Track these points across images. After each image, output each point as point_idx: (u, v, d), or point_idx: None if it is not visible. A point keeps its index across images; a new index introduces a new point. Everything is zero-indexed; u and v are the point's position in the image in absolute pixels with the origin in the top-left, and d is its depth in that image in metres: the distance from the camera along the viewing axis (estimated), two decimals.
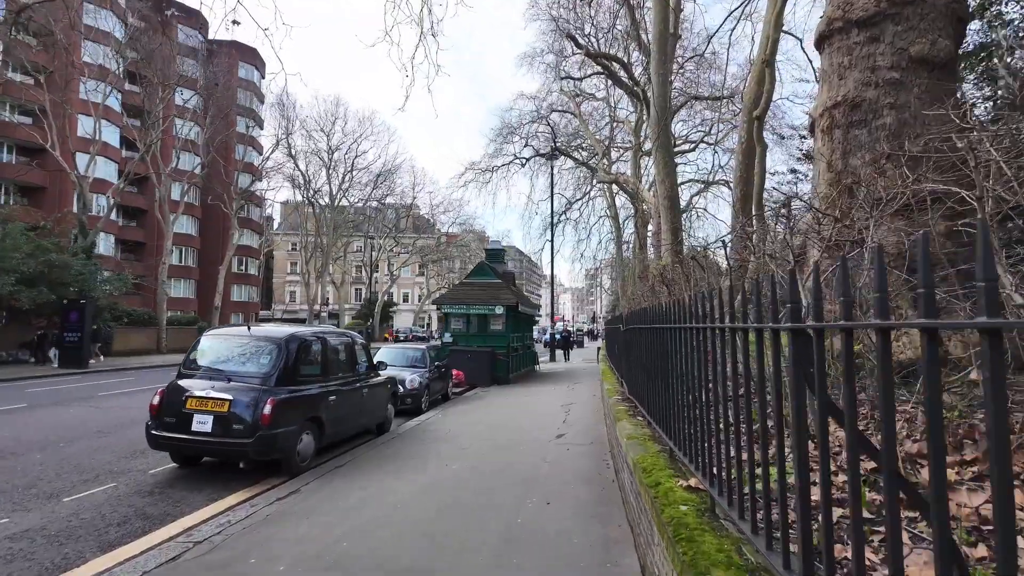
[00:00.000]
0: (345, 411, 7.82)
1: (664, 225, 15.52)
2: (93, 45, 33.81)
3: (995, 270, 1.02)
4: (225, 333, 7.35)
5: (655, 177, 16.11)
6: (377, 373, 9.24)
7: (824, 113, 5.72)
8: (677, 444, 3.19)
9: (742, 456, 2.07)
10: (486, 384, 16.16)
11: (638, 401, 5.12)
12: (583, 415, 10.28)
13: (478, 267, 18.53)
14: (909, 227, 4.52)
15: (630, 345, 5.86)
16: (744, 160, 15.03)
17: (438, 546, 4.15)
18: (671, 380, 3.47)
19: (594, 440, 7.76)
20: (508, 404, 12.43)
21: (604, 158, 31.24)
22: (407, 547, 4.16)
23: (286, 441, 6.50)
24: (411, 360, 12.60)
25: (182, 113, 35.94)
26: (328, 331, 8.07)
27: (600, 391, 13.19)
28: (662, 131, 15.22)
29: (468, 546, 4.12)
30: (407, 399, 11.25)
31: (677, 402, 3.24)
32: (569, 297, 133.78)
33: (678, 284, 8.03)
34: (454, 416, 10.75)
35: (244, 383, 6.54)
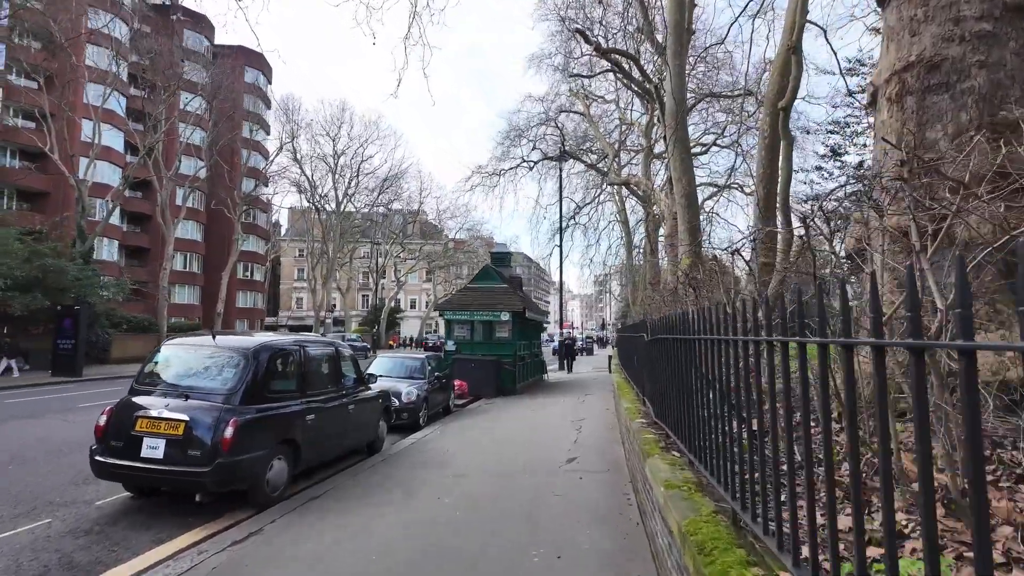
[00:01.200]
0: (327, 431, 6.88)
1: (681, 225, 14.52)
2: (95, 47, 33.47)
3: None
4: (186, 342, 6.44)
5: (671, 174, 15.13)
6: (367, 386, 8.31)
7: (892, 78, 4.74)
8: (745, 505, 2.21)
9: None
10: (491, 395, 15.18)
11: (670, 429, 4.14)
12: (596, 433, 9.28)
13: (483, 271, 17.57)
14: (1013, 216, 3.54)
15: (656, 359, 4.89)
16: (767, 156, 14.01)
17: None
18: (724, 408, 2.51)
19: (611, 466, 6.76)
20: (514, 419, 11.44)
21: (614, 160, 30.28)
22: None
23: (252, 469, 5.57)
24: (409, 370, 11.66)
25: (184, 117, 35.44)
26: (308, 340, 7.14)
27: (614, 405, 12.17)
28: (679, 124, 14.25)
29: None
30: (403, 414, 10.31)
31: (738, 441, 2.28)
32: (578, 304, 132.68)
33: (707, 287, 7.06)
34: (454, 434, 9.78)
35: (204, 401, 5.62)
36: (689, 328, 3.29)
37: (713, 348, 2.84)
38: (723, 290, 6.94)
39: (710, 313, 2.85)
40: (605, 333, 79.04)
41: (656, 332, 4.60)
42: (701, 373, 3.07)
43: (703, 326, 2.93)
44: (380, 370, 11.69)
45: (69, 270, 23.94)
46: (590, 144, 35.41)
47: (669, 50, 13.91)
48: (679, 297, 8.06)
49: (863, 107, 16.61)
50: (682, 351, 3.49)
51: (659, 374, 4.62)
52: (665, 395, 4.32)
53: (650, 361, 5.23)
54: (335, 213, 50.48)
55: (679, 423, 3.77)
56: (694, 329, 3.14)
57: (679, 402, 3.73)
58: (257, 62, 56.49)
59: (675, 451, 3.82)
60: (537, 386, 18.17)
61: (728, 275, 7.31)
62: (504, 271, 18.12)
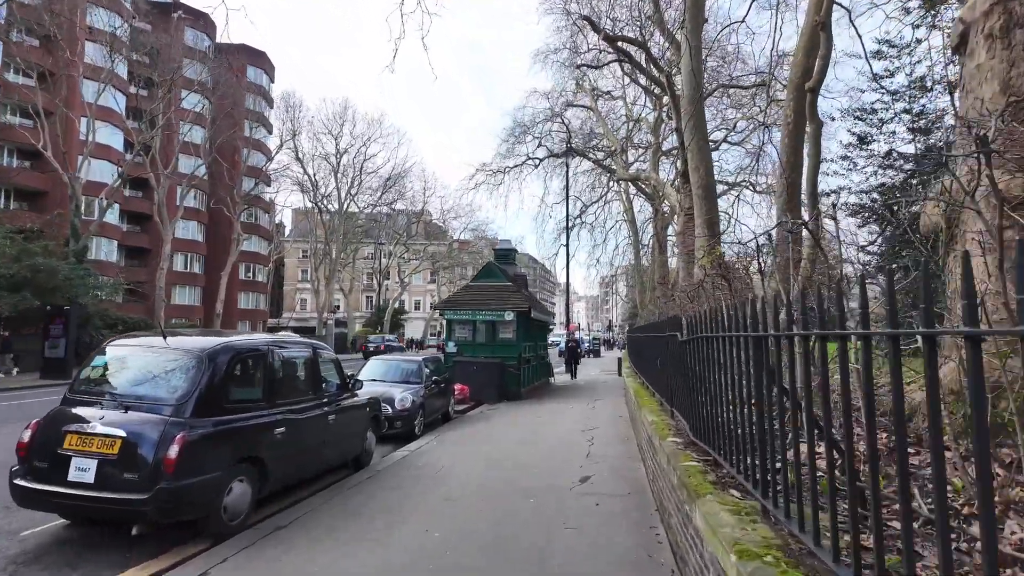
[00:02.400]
0: (302, 446, 5.95)
1: (698, 218, 13.53)
2: (92, 44, 32.83)
3: None
4: (132, 344, 5.51)
5: (687, 164, 14.16)
6: (352, 393, 7.37)
7: (992, 8, 3.77)
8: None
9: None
10: (494, 400, 14.22)
11: (720, 455, 3.17)
12: (610, 445, 8.31)
13: (485, 268, 16.59)
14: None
15: (695, 364, 3.92)
16: (791, 143, 12.99)
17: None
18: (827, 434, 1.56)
19: (631, 487, 5.79)
20: (518, 427, 10.48)
21: (622, 155, 29.30)
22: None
23: (204, 494, 4.64)
24: (404, 374, 10.71)
25: (183, 114, 34.74)
26: (281, 341, 6.20)
27: (628, 411, 11.20)
28: (696, 111, 13.28)
29: None
30: (396, 422, 9.37)
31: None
32: (584, 305, 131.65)
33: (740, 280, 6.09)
34: (451, 444, 8.83)
35: (147, 413, 4.70)
36: (745, 322, 2.36)
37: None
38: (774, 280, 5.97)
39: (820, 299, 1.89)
40: (612, 334, 77.95)
41: (697, 330, 3.63)
42: (764, 380, 2.11)
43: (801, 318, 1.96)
44: (373, 374, 10.77)
45: (60, 269, 23.17)
46: (597, 141, 34.49)
47: (687, 25, 12.95)
48: (707, 292, 7.09)
49: (888, 92, 15.60)
50: (750, 353, 2.53)
51: (701, 382, 3.65)
52: (707, 408, 3.36)
53: (683, 366, 4.26)
54: (338, 213, 49.70)
55: (738, 449, 2.81)
56: (758, 323, 2.19)
57: (738, 420, 2.77)
58: (259, 61, 55.92)
59: (734, 489, 2.85)
60: (543, 390, 17.19)
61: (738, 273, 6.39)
62: (508, 268, 17.14)
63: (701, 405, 3.69)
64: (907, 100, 15.29)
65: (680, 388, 4.58)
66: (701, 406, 3.69)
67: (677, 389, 4.81)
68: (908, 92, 15.19)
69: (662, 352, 5.89)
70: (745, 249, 7.95)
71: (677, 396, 4.87)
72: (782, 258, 7.26)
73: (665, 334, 5.38)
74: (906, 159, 14.95)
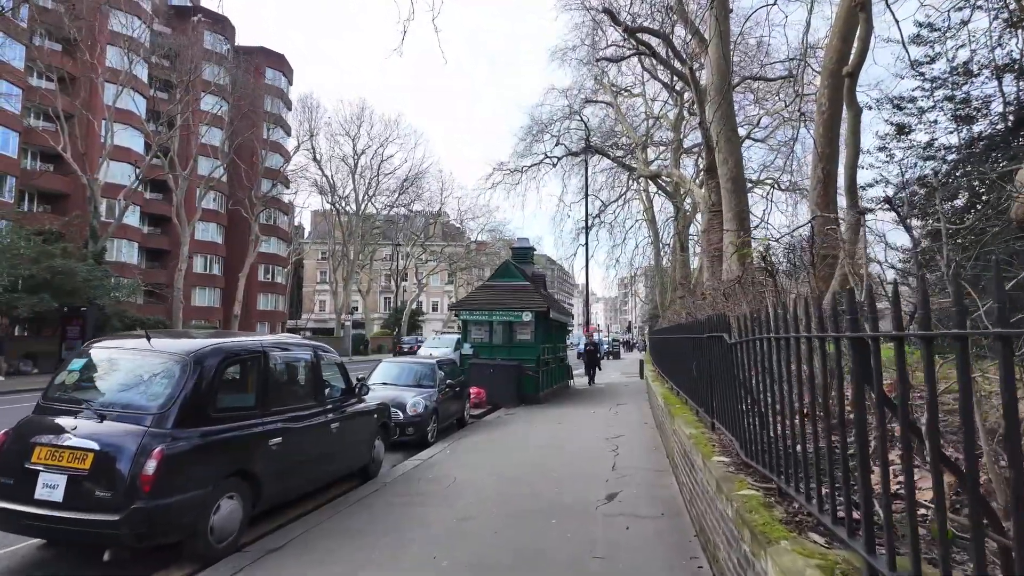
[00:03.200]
0: (301, 458, 5.44)
1: (727, 212, 12.82)
2: (113, 48, 33.06)
3: None
4: (114, 346, 5.05)
5: (716, 156, 13.44)
6: (360, 398, 6.86)
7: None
8: None
9: None
10: (512, 404, 13.65)
11: (789, 484, 2.55)
12: (638, 455, 7.67)
13: (502, 267, 16.00)
14: None
15: (740, 370, 3.30)
16: (826, 133, 12.19)
17: None
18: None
19: (664, 507, 5.16)
20: (537, 434, 9.88)
21: (642, 152, 28.55)
22: None
23: (186, 514, 4.15)
24: (417, 377, 10.18)
25: (201, 116, 34.82)
26: (278, 342, 5.70)
27: (653, 417, 10.54)
28: (724, 100, 12.58)
29: None
30: (408, 428, 8.84)
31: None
32: (602, 307, 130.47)
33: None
34: (466, 453, 8.27)
35: (124, 423, 4.22)
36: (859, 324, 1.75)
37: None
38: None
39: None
40: (631, 336, 76.91)
41: (756, 331, 3.01)
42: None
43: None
44: (385, 377, 10.28)
45: (79, 271, 23.19)
46: (616, 140, 33.81)
47: (715, 10, 12.25)
48: (745, 290, 6.44)
49: (928, 80, 14.69)
50: (834, 358, 1.93)
51: (759, 392, 3.03)
52: (774, 424, 2.74)
53: (732, 372, 3.64)
54: (355, 214, 49.62)
55: (817, 476, 2.20)
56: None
57: (816, 442, 2.15)
58: (278, 63, 56.18)
59: (814, 532, 2.23)
60: (562, 393, 16.57)
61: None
62: (526, 268, 16.54)
63: (758, 419, 3.07)
64: (950, 87, 14.37)
65: (726, 398, 3.95)
66: (758, 420, 3.07)
67: (721, 399, 4.18)
68: (951, 79, 14.28)
69: (698, 356, 5.25)
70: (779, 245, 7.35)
71: (721, 407, 4.24)
72: (818, 255, 6.59)
73: (704, 336, 4.75)
74: (949, 150, 14.04)
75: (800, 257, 6.46)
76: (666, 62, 22.21)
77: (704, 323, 4.76)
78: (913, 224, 13.90)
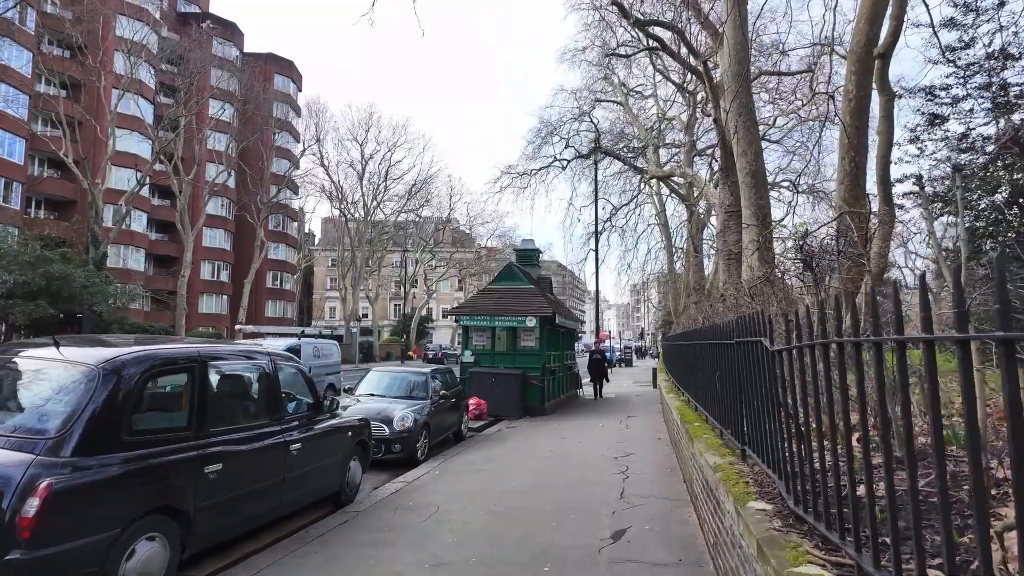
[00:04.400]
0: (247, 487, 4.59)
1: (747, 210, 11.87)
2: (119, 53, 32.88)
3: None
4: (17, 354, 4.25)
5: (734, 149, 12.50)
6: (333, 413, 6.02)
7: None
8: None
9: None
10: (515, 416, 12.74)
11: (870, 563, 1.64)
12: (650, 479, 6.73)
13: (506, 270, 15.10)
14: None
15: (789, 386, 2.40)
16: (853, 122, 11.19)
17: None
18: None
19: (683, 553, 4.23)
20: (538, 452, 8.97)
21: (654, 152, 27.63)
22: None
23: (80, 566, 3.32)
24: (408, 388, 9.32)
25: (203, 119, 34.48)
26: (218, 350, 4.85)
27: (667, 431, 9.57)
28: (742, 87, 11.67)
29: None
30: (395, 445, 7.97)
31: None
32: (614, 313, 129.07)
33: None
34: (456, 475, 7.38)
35: (10, 451, 3.40)
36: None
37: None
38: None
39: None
40: (644, 343, 75.54)
41: (824, 333, 2.11)
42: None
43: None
44: (373, 387, 9.44)
45: (76, 277, 22.67)
46: (626, 143, 32.97)
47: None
48: (776, 288, 5.53)
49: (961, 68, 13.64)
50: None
51: (811, 416, 2.13)
52: (841, 465, 1.84)
53: (767, 389, 2.73)
54: (363, 220, 49.11)
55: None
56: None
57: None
58: (286, 69, 56.09)
59: None
60: (570, 404, 15.61)
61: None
62: (531, 270, 15.65)
63: (816, 455, 2.17)
64: (986, 74, 13.31)
65: (762, 420, 3.04)
66: (817, 457, 2.17)
67: (755, 421, 3.27)
68: (987, 64, 13.22)
69: (723, 365, 4.34)
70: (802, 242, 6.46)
71: (755, 431, 3.32)
72: (845, 252, 5.69)
73: (731, 341, 3.84)
74: (988, 140, 12.97)
75: (825, 256, 5.58)
76: (678, 56, 21.30)
77: (732, 325, 3.85)
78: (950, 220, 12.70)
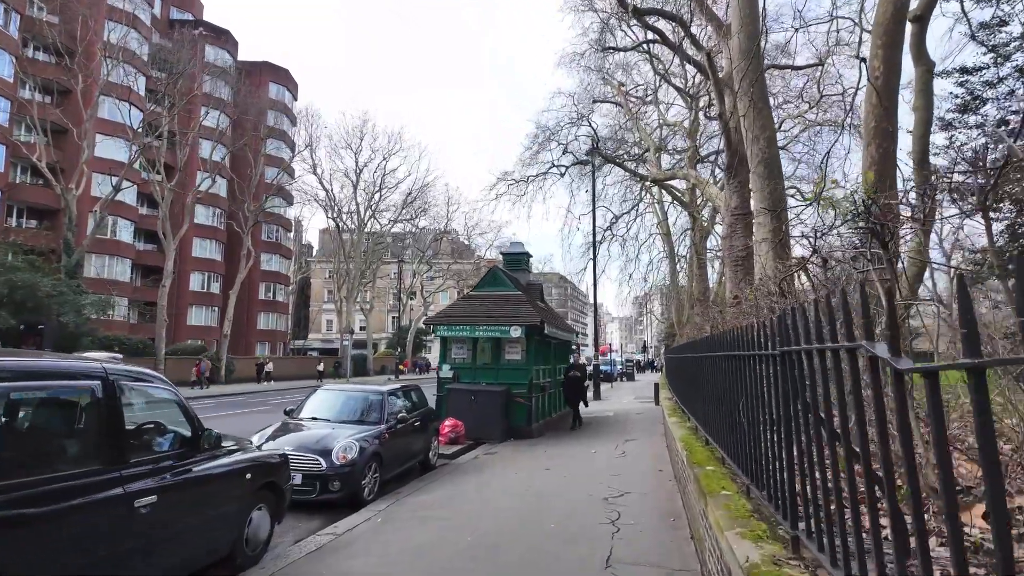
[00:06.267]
0: (52, 564, 3.09)
1: (759, 203, 10.42)
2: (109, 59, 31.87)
3: None
4: None
5: (745, 135, 11.08)
6: (216, 449, 4.51)
7: None
8: None
9: None
10: (497, 439, 11.19)
11: None
12: (647, 532, 5.20)
13: (490, 275, 13.57)
14: None
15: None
16: (881, 103, 9.78)
17: None
18: None
19: None
20: (514, 488, 7.42)
21: (656, 153, 26.28)
22: None
23: None
24: (359, 410, 7.81)
25: (187, 124, 33.34)
26: (11, 367, 3.36)
27: (668, 458, 8.01)
28: (753, 64, 10.26)
29: None
30: (333, 483, 6.44)
31: None
32: (616, 326, 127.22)
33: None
34: (404, 523, 5.83)
35: None
36: None
37: None
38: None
39: None
40: (646, 356, 73.71)
41: None
42: None
43: None
44: (318, 410, 7.93)
45: (41, 285, 21.34)
46: (627, 150, 31.75)
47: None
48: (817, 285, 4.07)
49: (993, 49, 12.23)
50: None
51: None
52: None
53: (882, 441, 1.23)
54: (357, 231, 47.84)
55: None
56: None
57: None
58: (281, 78, 55.28)
59: None
60: (561, 424, 14.03)
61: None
62: (520, 275, 14.15)
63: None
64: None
65: (824, 473, 1.55)
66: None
67: (827, 487, 1.78)
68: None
69: (752, 388, 2.84)
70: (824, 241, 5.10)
71: (811, 489, 1.83)
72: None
73: (771, 353, 2.35)
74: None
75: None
76: (679, 50, 20.03)
77: (781, 326, 2.34)
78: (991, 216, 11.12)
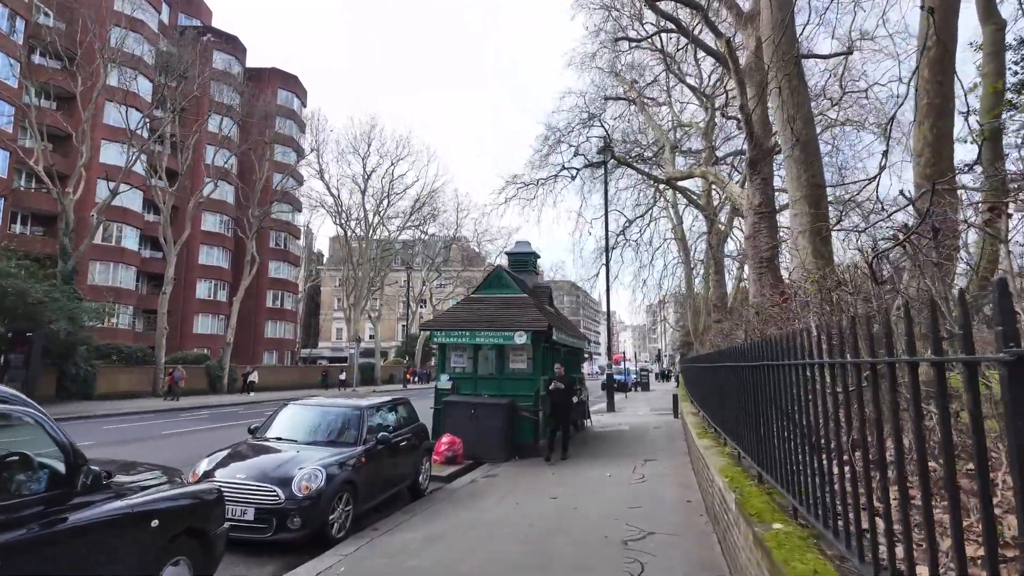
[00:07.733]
0: None
1: (795, 192, 9.23)
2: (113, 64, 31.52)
3: None
4: None
5: (778, 116, 9.91)
6: (102, 491, 3.42)
7: None
8: None
9: None
10: (499, 458, 10.01)
11: None
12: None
13: (493, 276, 12.42)
14: None
15: None
16: (933, 78, 8.49)
17: None
18: None
19: None
20: (511, 526, 6.23)
21: (671, 153, 25.06)
22: None
23: None
24: (333, 429, 6.69)
25: (189, 128, 32.79)
26: None
27: (696, 483, 6.79)
28: (786, 36, 9.09)
29: None
30: (293, 519, 5.32)
31: None
32: (630, 334, 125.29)
33: None
34: (377, 571, 4.69)
35: None
36: None
37: None
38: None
39: None
40: (661, 365, 72.06)
41: None
42: None
43: None
44: (284, 429, 6.82)
45: (31, 291, 20.58)
46: (640, 152, 30.61)
47: None
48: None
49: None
50: None
51: None
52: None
53: None
54: (365, 238, 47.08)
55: None
56: None
57: None
58: (290, 84, 54.96)
59: None
60: (573, 440, 12.82)
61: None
62: (527, 277, 13.02)
63: None
64: None
65: None
66: None
67: None
68: None
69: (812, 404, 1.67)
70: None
71: None
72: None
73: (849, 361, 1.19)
74: None
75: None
76: (697, 39, 18.92)
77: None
78: None
